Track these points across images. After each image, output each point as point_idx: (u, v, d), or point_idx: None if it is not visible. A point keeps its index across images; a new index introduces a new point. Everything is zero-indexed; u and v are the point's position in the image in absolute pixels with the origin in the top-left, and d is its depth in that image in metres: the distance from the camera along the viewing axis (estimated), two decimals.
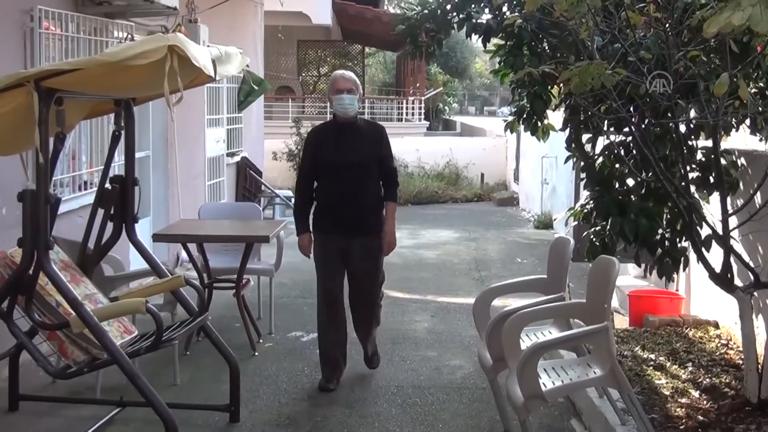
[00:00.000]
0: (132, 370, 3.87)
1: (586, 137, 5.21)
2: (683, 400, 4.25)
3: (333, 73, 5.26)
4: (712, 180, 4.64)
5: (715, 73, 3.95)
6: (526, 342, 4.12)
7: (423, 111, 23.06)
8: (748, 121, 4.56)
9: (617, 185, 5.01)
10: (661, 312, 5.86)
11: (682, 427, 3.93)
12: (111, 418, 4.42)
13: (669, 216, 4.82)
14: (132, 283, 5.24)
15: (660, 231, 4.80)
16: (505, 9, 5.40)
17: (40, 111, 3.62)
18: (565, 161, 5.75)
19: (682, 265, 4.85)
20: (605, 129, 4.94)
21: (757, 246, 4.89)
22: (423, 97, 23.00)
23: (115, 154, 4.67)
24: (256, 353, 5.65)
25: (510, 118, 5.59)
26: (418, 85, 23.35)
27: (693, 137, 4.66)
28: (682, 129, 4.43)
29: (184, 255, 7.47)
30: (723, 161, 4.49)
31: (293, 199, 5.37)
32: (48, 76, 3.63)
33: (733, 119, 4.43)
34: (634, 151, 4.87)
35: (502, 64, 5.37)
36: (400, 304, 7.27)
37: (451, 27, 5.68)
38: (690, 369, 4.74)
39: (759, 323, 4.76)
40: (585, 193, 5.50)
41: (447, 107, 33.07)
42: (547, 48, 5.08)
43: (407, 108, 22.41)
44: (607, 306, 3.84)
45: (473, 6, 5.48)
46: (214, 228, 6.07)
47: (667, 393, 4.37)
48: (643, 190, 4.87)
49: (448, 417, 4.59)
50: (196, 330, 5.10)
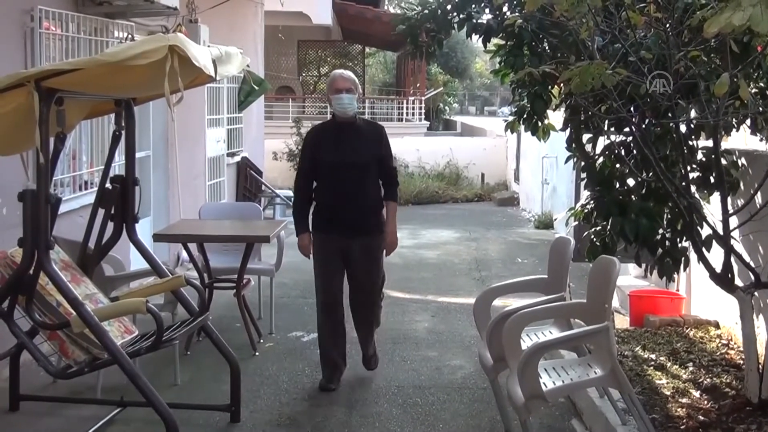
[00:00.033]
0: (133, 370, 3.88)
1: (586, 137, 5.20)
2: (684, 400, 4.25)
3: (332, 73, 5.25)
4: (712, 180, 4.64)
5: (715, 73, 3.94)
6: (526, 342, 4.11)
7: (423, 111, 23.04)
8: (748, 121, 4.56)
9: (618, 185, 5.00)
10: (662, 312, 5.85)
11: (682, 427, 3.92)
12: (112, 418, 4.42)
13: (669, 216, 4.82)
14: (132, 283, 5.24)
15: (660, 231, 4.79)
16: (505, 9, 5.40)
17: (40, 111, 3.63)
18: (566, 161, 5.75)
19: (682, 265, 4.85)
20: (606, 129, 4.93)
21: (757, 246, 4.89)
22: (423, 97, 22.97)
23: (116, 154, 4.67)
24: (257, 353, 5.65)
25: (510, 118, 5.58)
26: (418, 85, 23.33)
27: (693, 137, 4.65)
28: (683, 129, 4.43)
29: (184, 255, 7.45)
30: (723, 161, 4.49)
31: (293, 199, 5.37)
32: (48, 76, 3.63)
33: (734, 119, 4.43)
34: (635, 151, 4.87)
35: (503, 64, 5.37)
36: (401, 304, 7.27)
37: (452, 27, 5.68)
38: (691, 369, 4.74)
39: (759, 323, 4.75)
40: (585, 193, 5.50)
41: (447, 107, 33.03)
42: (547, 48, 5.07)
43: (407, 108, 22.39)
44: (608, 306, 3.84)
45: (473, 6, 5.48)
46: (214, 228, 6.07)
47: (668, 393, 4.36)
48: (643, 190, 4.87)
49: (448, 417, 4.59)
50: (196, 330, 5.10)
